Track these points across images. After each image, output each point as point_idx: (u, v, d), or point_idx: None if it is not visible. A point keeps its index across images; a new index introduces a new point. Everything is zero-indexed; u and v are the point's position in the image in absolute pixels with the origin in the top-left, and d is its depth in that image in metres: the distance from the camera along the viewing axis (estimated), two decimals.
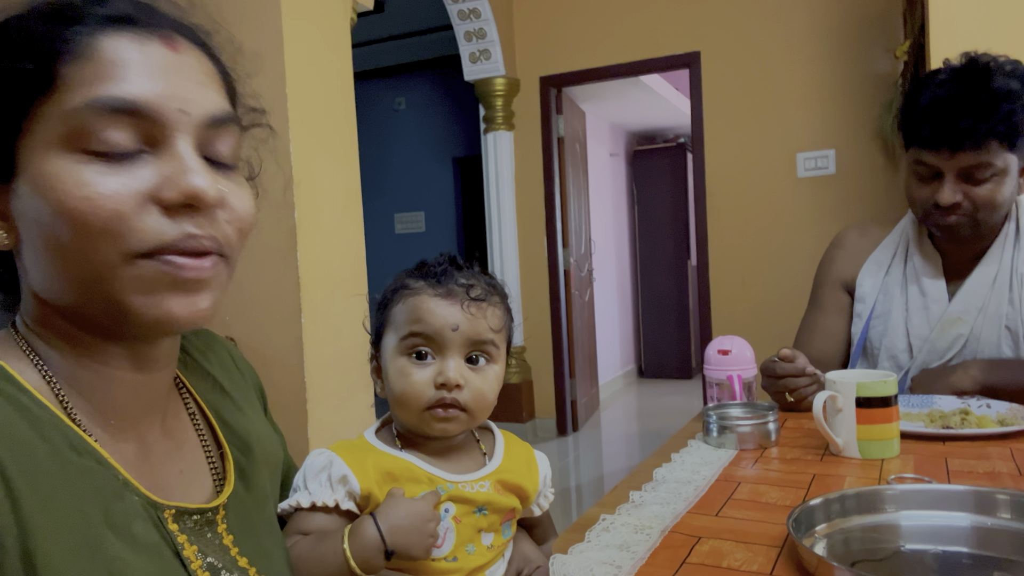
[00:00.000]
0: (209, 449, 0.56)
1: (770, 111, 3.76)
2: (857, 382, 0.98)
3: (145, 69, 0.45)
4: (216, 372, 0.62)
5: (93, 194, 0.43)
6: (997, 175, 1.16)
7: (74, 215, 0.42)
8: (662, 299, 6.20)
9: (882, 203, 3.58)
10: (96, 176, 0.43)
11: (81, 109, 0.43)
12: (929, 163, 1.19)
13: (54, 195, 0.43)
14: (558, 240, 4.25)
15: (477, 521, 0.60)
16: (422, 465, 0.61)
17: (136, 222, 0.43)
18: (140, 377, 0.50)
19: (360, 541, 0.55)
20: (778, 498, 0.85)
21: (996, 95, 1.12)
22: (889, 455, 0.97)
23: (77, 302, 0.46)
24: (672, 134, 6.44)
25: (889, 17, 3.51)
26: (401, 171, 6.36)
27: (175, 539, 0.48)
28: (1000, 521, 0.67)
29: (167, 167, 0.45)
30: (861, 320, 1.36)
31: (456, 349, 0.60)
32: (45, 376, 0.47)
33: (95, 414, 0.48)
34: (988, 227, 1.23)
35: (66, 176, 0.43)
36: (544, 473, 0.67)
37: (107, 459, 0.46)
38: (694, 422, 1.22)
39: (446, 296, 0.60)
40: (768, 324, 3.70)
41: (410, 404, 0.60)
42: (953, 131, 1.13)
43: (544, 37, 4.19)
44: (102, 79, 0.44)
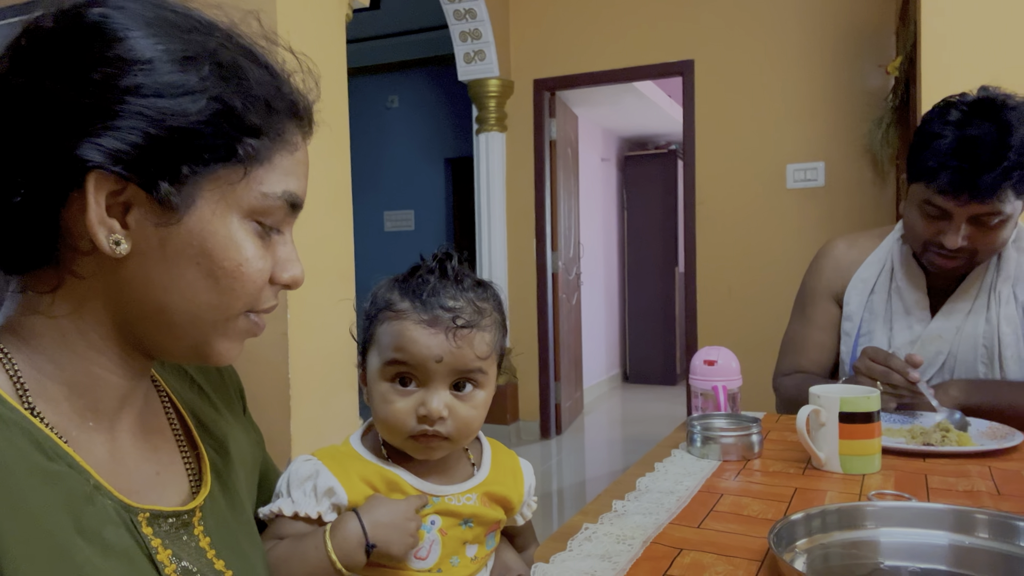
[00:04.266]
0: (185, 450, 0.56)
1: (761, 122, 3.78)
2: (840, 397, 0.99)
3: (301, 171, 0.53)
4: (194, 372, 0.62)
5: (257, 265, 0.50)
6: (1004, 221, 1.16)
7: (240, 272, 0.49)
8: (649, 305, 6.22)
9: (869, 217, 3.61)
10: (257, 250, 0.50)
11: (278, 196, 0.50)
12: (940, 206, 1.17)
13: (230, 250, 0.49)
14: (547, 243, 4.25)
15: (463, 534, 0.60)
16: (409, 479, 0.60)
17: (264, 292, 0.52)
18: (128, 383, 0.51)
19: (342, 534, 0.54)
20: (760, 511, 0.85)
21: (1019, 151, 1.10)
22: (870, 470, 0.98)
23: (163, 327, 0.50)
24: (664, 141, 6.47)
25: (881, 33, 3.54)
26: (392, 169, 6.34)
27: (148, 543, 0.47)
28: (977, 540, 0.68)
29: (282, 251, 0.53)
30: (849, 338, 1.37)
31: (440, 379, 0.59)
32: (13, 376, 0.46)
33: (72, 416, 0.48)
34: (979, 264, 1.24)
35: (244, 241, 0.49)
36: (529, 483, 0.67)
37: (79, 463, 0.46)
38: (678, 431, 1.23)
39: (431, 324, 0.58)
40: (753, 333, 3.72)
41: (393, 431, 0.60)
42: (973, 184, 1.11)
43: (539, 40, 4.19)
44: (291, 175, 0.51)
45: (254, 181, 0.49)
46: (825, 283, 1.42)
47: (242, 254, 0.49)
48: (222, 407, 0.62)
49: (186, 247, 0.47)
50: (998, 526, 0.66)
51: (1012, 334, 1.23)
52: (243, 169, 0.48)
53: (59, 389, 0.48)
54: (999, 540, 0.66)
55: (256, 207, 0.49)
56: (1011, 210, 1.15)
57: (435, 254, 0.63)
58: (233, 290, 0.49)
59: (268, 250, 0.51)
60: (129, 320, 0.49)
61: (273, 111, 0.50)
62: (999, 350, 1.23)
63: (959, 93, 1.20)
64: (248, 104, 0.48)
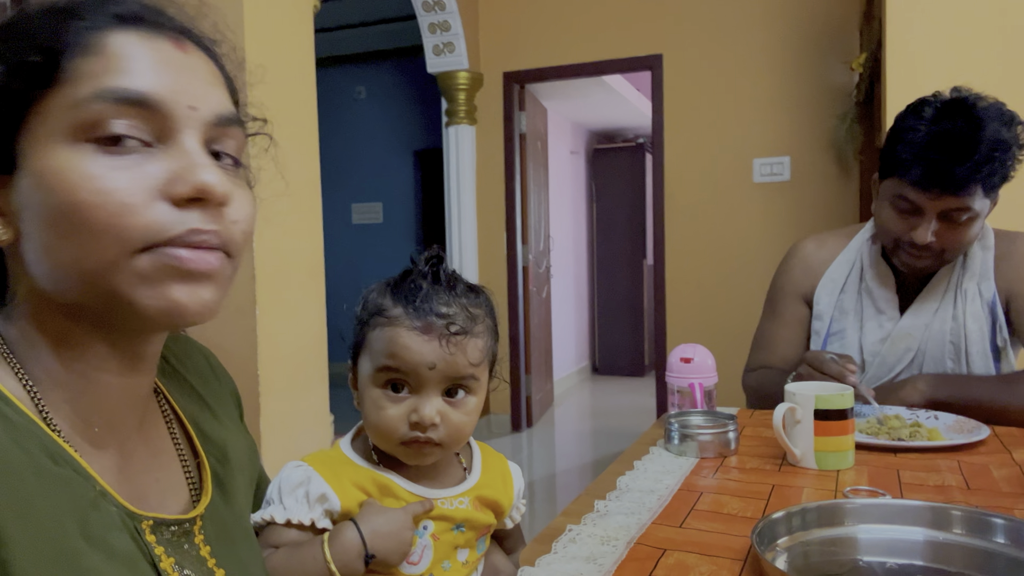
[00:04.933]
0: (185, 458, 0.56)
1: (729, 116, 3.83)
2: (816, 395, 1.00)
3: (154, 64, 0.45)
4: (193, 379, 0.61)
5: (103, 187, 0.42)
6: (973, 218, 1.19)
7: (83, 208, 0.42)
8: (617, 297, 6.27)
9: (834, 211, 3.68)
10: (105, 169, 0.43)
11: (90, 99, 0.43)
12: (912, 200, 1.20)
13: (62, 187, 0.43)
14: (517, 236, 4.25)
15: (455, 538, 0.60)
16: (402, 483, 0.60)
17: (144, 216, 0.43)
18: (124, 381, 0.49)
19: (341, 545, 0.54)
20: (739, 509, 0.86)
21: (991, 145, 1.13)
22: (844, 466, 1.00)
23: (80, 297, 0.45)
24: (632, 134, 6.51)
25: (845, 30, 3.60)
26: (359, 161, 6.28)
27: (152, 551, 0.47)
28: (952, 536, 0.70)
29: (176, 162, 0.45)
30: (819, 337, 1.39)
31: (433, 386, 0.58)
32: (24, 382, 0.46)
33: (76, 421, 0.47)
34: (947, 262, 1.27)
35: (74, 168, 0.43)
36: (518, 486, 0.67)
37: (85, 468, 0.45)
38: (655, 428, 1.24)
39: (424, 331, 0.58)
40: (721, 324, 3.78)
41: (384, 437, 0.59)
42: (947, 176, 1.14)
43: (509, 33, 4.18)
44: (111, 72, 0.44)
45: (64, 99, 0.43)
46: (794, 283, 1.44)
47: (74, 180, 0.42)
48: (221, 414, 0.61)
49: (36, 204, 0.43)
50: (973, 522, 0.68)
51: (978, 330, 1.27)
52: (43, 97, 0.43)
53: (61, 393, 0.47)
54: (974, 536, 0.68)
55: (75, 124, 0.43)
56: (980, 207, 1.18)
57: (426, 257, 0.62)
58: (85, 228, 0.42)
59: (129, 168, 0.43)
60: (61, 304, 0.46)
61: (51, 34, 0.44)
62: (965, 346, 1.27)
63: (933, 93, 1.23)
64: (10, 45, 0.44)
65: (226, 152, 0.49)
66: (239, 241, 0.48)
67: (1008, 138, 1.15)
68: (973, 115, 1.14)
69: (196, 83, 0.47)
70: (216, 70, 0.50)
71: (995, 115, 1.16)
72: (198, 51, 0.49)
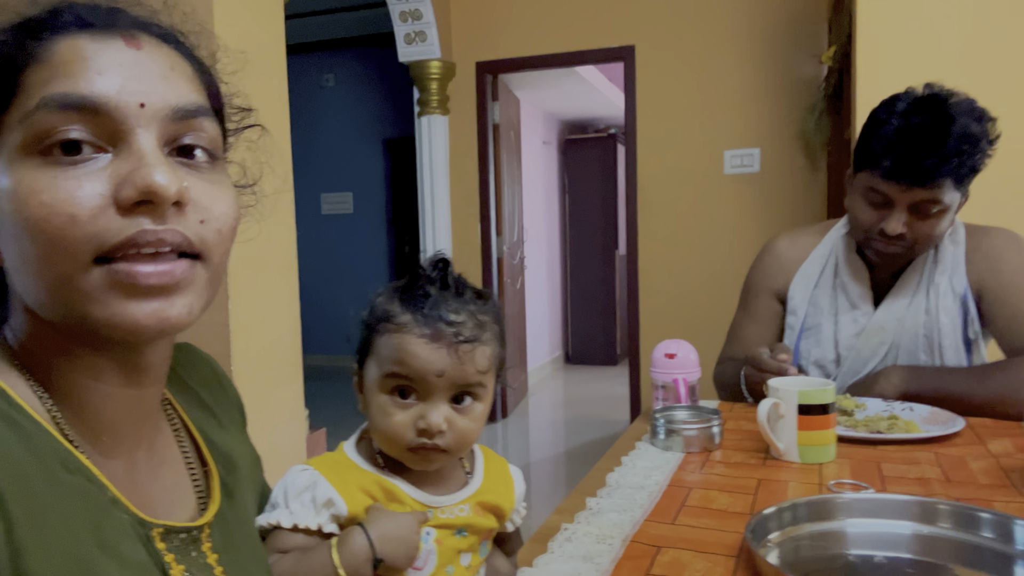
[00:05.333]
0: (192, 466, 0.55)
1: (700, 108, 3.86)
2: (799, 390, 1.02)
3: (101, 65, 0.44)
4: (199, 389, 0.60)
5: (49, 199, 0.41)
6: (943, 211, 1.22)
7: (31, 222, 0.41)
8: (590, 287, 6.30)
9: (802, 202, 3.74)
10: (52, 180, 0.41)
11: (33, 110, 0.42)
12: (883, 192, 1.22)
13: (15, 204, 0.41)
14: (492, 228, 4.25)
15: (458, 542, 0.60)
16: (406, 489, 0.60)
17: (90, 226, 0.42)
18: (130, 392, 0.48)
19: (350, 550, 0.54)
20: (728, 504, 0.88)
21: (959, 138, 1.15)
22: (826, 459, 1.02)
23: (52, 313, 0.44)
24: (603, 124, 6.52)
25: (814, 24, 3.65)
26: (328, 150, 6.20)
27: (162, 558, 0.47)
28: (939, 530, 0.72)
29: (125, 165, 0.43)
30: (793, 332, 1.42)
31: (440, 393, 0.58)
32: (37, 392, 0.46)
33: (85, 430, 0.47)
34: (918, 255, 1.30)
35: (25, 182, 0.41)
36: (519, 490, 0.67)
37: (97, 476, 0.45)
38: (640, 423, 1.25)
39: (433, 339, 0.58)
40: (693, 313, 3.82)
41: (391, 442, 0.59)
42: (915, 168, 1.17)
43: (481, 22, 4.15)
44: (55, 78, 0.43)
45: (16, 114, 0.43)
46: (767, 279, 1.47)
47: (24, 195, 0.41)
48: (226, 423, 0.61)
49: (1, 224, 0.43)
50: (960, 516, 0.71)
51: (950, 323, 1.30)
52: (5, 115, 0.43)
53: (69, 403, 0.47)
54: (961, 530, 0.70)
55: (25, 138, 0.42)
56: (949, 201, 1.21)
57: (433, 262, 0.62)
58: (37, 243, 0.41)
59: (77, 176, 0.42)
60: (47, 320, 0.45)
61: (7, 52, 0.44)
62: (938, 339, 1.30)
63: (906, 89, 1.25)
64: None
65: (199, 145, 0.47)
66: (210, 240, 0.46)
67: (977, 132, 1.18)
68: (943, 109, 1.17)
69: (147, 78, 0.45)
70: (179, 62, 0.48)
71: (965, 110, 1.19)
72: (157, 45, 0.47)
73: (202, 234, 0.45)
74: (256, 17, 2.13)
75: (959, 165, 1.17)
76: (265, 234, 2.21)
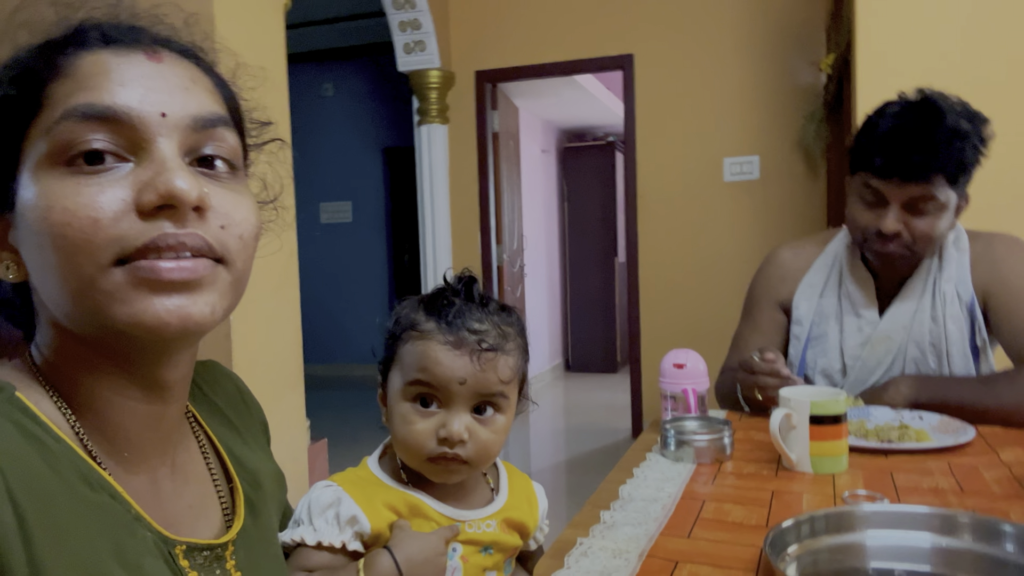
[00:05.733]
0: (218, 482, 0.55)
1: (699, 116, 3.87)
2: (811, 400, 1.02)
3: (123, 78, 0.45)
4: (224, 406, 0.60)
5: (72, 204, 0.42)
6: (938, 209, 1.22)
7: (55, 228, 0.42)
8: (589, 295, 6.30)
9: (802, 209, 3.75)
10: (76, 187, 0.43)
11: (57, 122, 0.43)
12: (877, 190, 1.23)
13: (39, 213, 0.42)
14: (492, 236, 4.24)
15: (483, 560, 0.60)
16: (432, 504, 0.59)
17: (113, 229, 0.43)
18: (153, 408, 0.48)
19: (377, 572, 0.54)
20: (743, 517, 0.87)
21: (949, 133, 1.17)
22: (839, 470, 1.02)
23: (78, 322, 0.45)
24: (602, 132, 6.54)
25: (813, 31, 3.67)
26: (327, 159, 6.20)
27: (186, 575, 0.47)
28: (959, 542, 0.71)
29: (147, 172, 0.44)
30: (799, 343, 1.41)
31: (462, 402, 0.58)
32: (61, 408, 0.46)
33: (108, 447, 0.47)
34: (920, 257, 1.30)
35: (48, 192, 0.43)
36: (543, 507, 0.67)
37: (121, 493, 0.45)
38: (649, 433, 1.25)
39: (456, 346, 0.58)
40: (694, 321, 3.82)
41: (411, 452, 0.59)
42: (906, 163, 1.18)
43: (480, 31, 4.16)
44: (79, 91, 0.44)
45: (41, 126, 0.44)
46: (770, 290, 1.46)
47: (48, 203, 0.42)
48: (251, 441, 0.61)
49: (27, 235, 0.44)
50: (981, 528, 0.70)
51: (957, 331, 1.30)
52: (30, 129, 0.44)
53: (93, 419, 0.47)
54: (982, 542, 0.69)
55: (50, 149, 0.43)
56: (944, 199, 1.22)
57: (459, 276, 0.62)
58: (60, 248, 0.42)
59: (100, 184, 0.43)
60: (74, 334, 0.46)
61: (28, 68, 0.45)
62: (946, 347, 1.30)
63: (898, 94, 1.27)
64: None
65: (219, 156, 0.48)
66: (232, 246, 0.46)
67: (967, 129, 1.20)
68: (933, 108, 1.20)
69: (168, 89, 0.46)
70: (199, 76, 0.49)
71: (956, 109, 1.21)
72: (177, 59, 0.48)
73: (223, 239, 0.46)
74: (257, 27, 2.13)
75: (949, 160, 1.18)
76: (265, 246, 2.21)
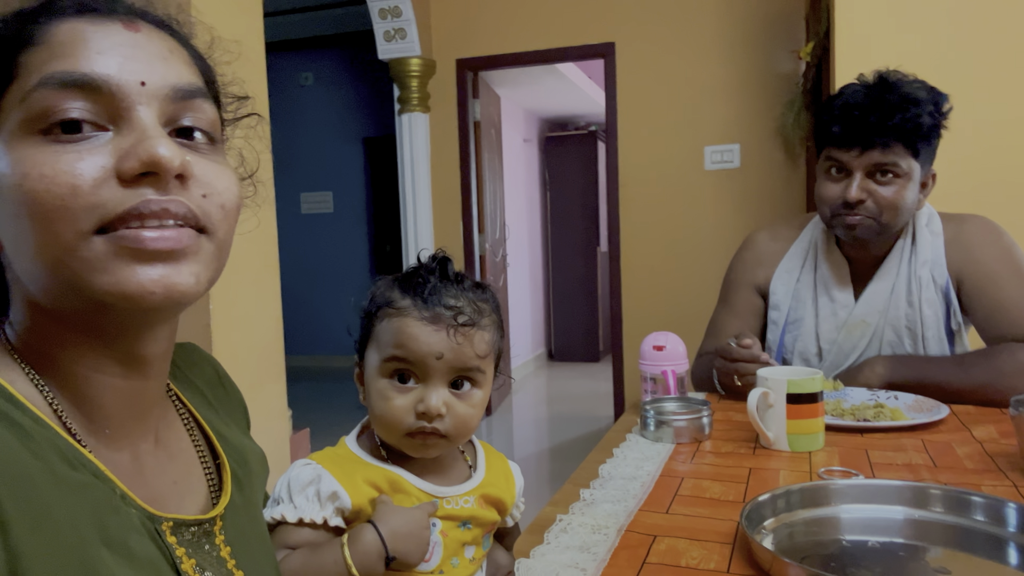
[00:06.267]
0: (205, 459, 0.54)
1: (680, 104, 3.88)
2: (788, 379, 1.03)
3: (101, 45, 0.44)
4: (202, 385, 0.59)
5: (49, 172, 0.41)
6: (900, 177, 1.25)
7: (31, 195, 0.41)
8: (572, 284, 6.32)
9: (782, 197, 3.77)
10: (53, 155, 0.42)
11: (33, 89, 0.42)
12: (839, 160, 1.27)
13: (14, 180, 0.41)
14: (474, 225, 4.24)
15: (462, 535, 0.60)
16: (411, 479, 0.60)
17: (93, 196, 0.41)
18: (132, 384, 0.48)
19: (362, 547, 0.54)
20: (720, 493, 0.88)
21: (903, 98, 1.22)
22: (815, 448, 1.03)
23: (56, 297, 0.44)
24: (584, 122, 6.54)
25: (792, 20, 3.68)
26: (307, 149, 6.15)
27: (173, 552, 0.46)
28: (930, 514, 0.73)
29: (127, 140, 0.43)
30: (777, 327, 1.42)
31: (439, 377, 0.58)
32: (38, 386, 0.45)
33: (89, 425, 0.46)
34: (889, 231, 1.30)
35: (25, 159, 0.42)
36: (519, 485, 0.67)
37: (104, 472, 0.44)
38: (629, 415, 1.25)
39: (432, 321, 0.58)
40: (675, 309, 3.84)
41: (390, 428, 0.59)
42: (862, 128, 1.22)
43: (461, 19, 4.14)
44: (55, 58, 0.43)
45: (15, 95, 0.43)
46: (747, 273, 1.48)
47: (23, 170, 0.41)
48: (231, 423, 0.60)
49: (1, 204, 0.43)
50: (951, 500, 0.71)
51: (933, 315, 1.31)
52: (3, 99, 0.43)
53: (71, 397, 0.46)
54: (952, 514, 0.71)
55: (25, 117, 0.42)
56: (906, 167, 1.24)
57: (434, 255, 0.63)
58: (37, 215, 0.41)
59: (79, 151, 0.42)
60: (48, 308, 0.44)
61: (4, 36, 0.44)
62: (922, 331, 1.31)
63: (859, 75, 1.31)
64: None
65: (198, 127, 0.47)
66: (214, 215, 0.46)
67: (921, 97, 1.23)
68: (888, 82, 1.25)
69: (147, 58, 0.45)
70: (176, 47, 0.48)
71: (911, 81, 1.25)
72: (154, 29, 0.47)
73: (205, 207, 0.45)
74: (234, 10, 2.10)
75: (904, 124, 1.21)
76: (246, 236, 2.19)
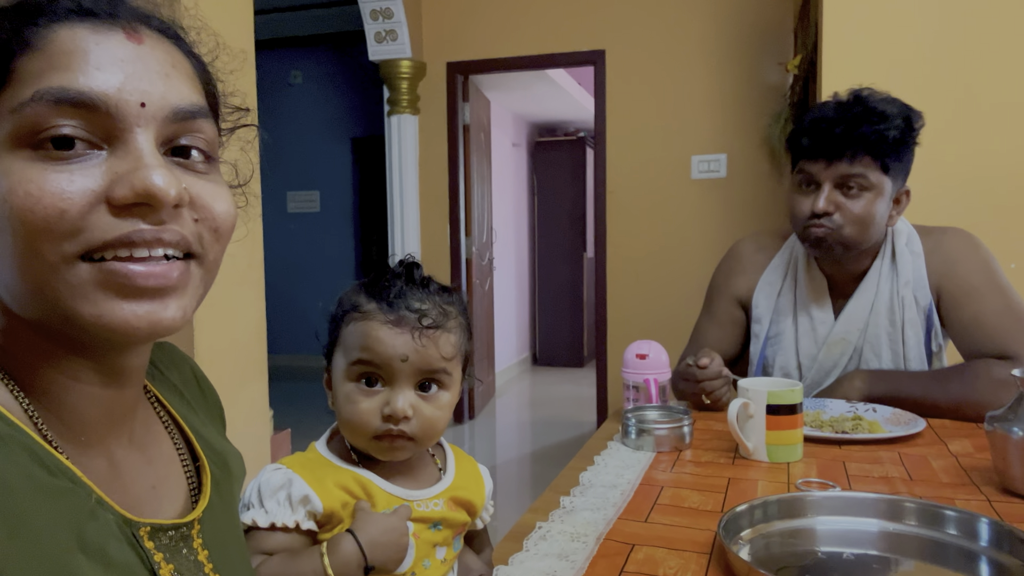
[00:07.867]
0: (185, 460, 0.54)
1: (668, 113, 3.90)
2: (768, 391, 1.04)
3: (101, 60, 0.42)
4: (180, 386, 0.59)
5: (36, 190, 0.40)
6: (869, 191, 1.25)
7: (16, 213, 0.40)
8: (557, 289, 6.33)
9: (767, 208, 3.81)
10: (42, 172, 0.40)
11: (28, 102, 0.40)
12: (809, 172, 1.28)
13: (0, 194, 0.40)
14: (461, 229, 4.24)
15: (433, 536, 0.60)
16: (380, 483, 0.60)
17: (80, 222, 0.40)
18: (110, 392, 0.47)
19: (341, 557, 0.54)
20: (699, 503, 0.89)
21: (870, 111, 1.23)
22: (794, 459, 1.04)
23: (35, 312, 0.43)
24: (572, 127, 6.56)
25: (780, 32, 3.72)
26: (295, 148, 6.12)
27: (151, 558, 0.45)
28: (905, 527, 0.73)
29: (122, 164, 0.42)
30: (759, 341, 1.43)
31: (405, 379, 0.59)
32: (14, 392, 0.44)
33: (65, 431, 0.45)
34: (858, 246, 1.30)
35: (12, 173, 0.40)
36: (488, 488, 0.68)
37: (81, 478, 0.43)
38: (611, 423, 1.26)
39: (397, 324, 0.58)
40: (660, 316, 3.86)
41: (357, 431, 0.59)
42: (829, 139, 1.24)
43: (452, 22, 4.14)
44: (54, 70, 0.41)
45: (8, 103, 0.41)
46: (730, 284, 1.48)
47: (10, 186, 0.40)
48: (208, 424, 0.59)
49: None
50: (925, 514, 0.72)
51: (914, 336, 1.32)
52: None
53: (48, 403, 0.45)
54: (926, 527, 0.72)
55: (15, 129, 0.40)
56: (875, 180, 1.25)
57: (401, 260, 0.63)
58: (20, 234, 0.40)
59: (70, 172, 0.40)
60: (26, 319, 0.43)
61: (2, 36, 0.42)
62: (903, 351, 1.32)
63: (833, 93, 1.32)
64: None
65: (195, 146, 0.46)
66: (208, 240, 0.45)
67: (892, 112, 1.24)
68: (858, 96, 1.27)
69: (149, 76, 0.43)
70: (180, 59, 0.47)
71: (887, 98, 1.27)
72: (159, 39, 0.46)
73: (199, 232, 0.45)
74: (224, 8, 2.10)
75: (870, 135, 1.22)
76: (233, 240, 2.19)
